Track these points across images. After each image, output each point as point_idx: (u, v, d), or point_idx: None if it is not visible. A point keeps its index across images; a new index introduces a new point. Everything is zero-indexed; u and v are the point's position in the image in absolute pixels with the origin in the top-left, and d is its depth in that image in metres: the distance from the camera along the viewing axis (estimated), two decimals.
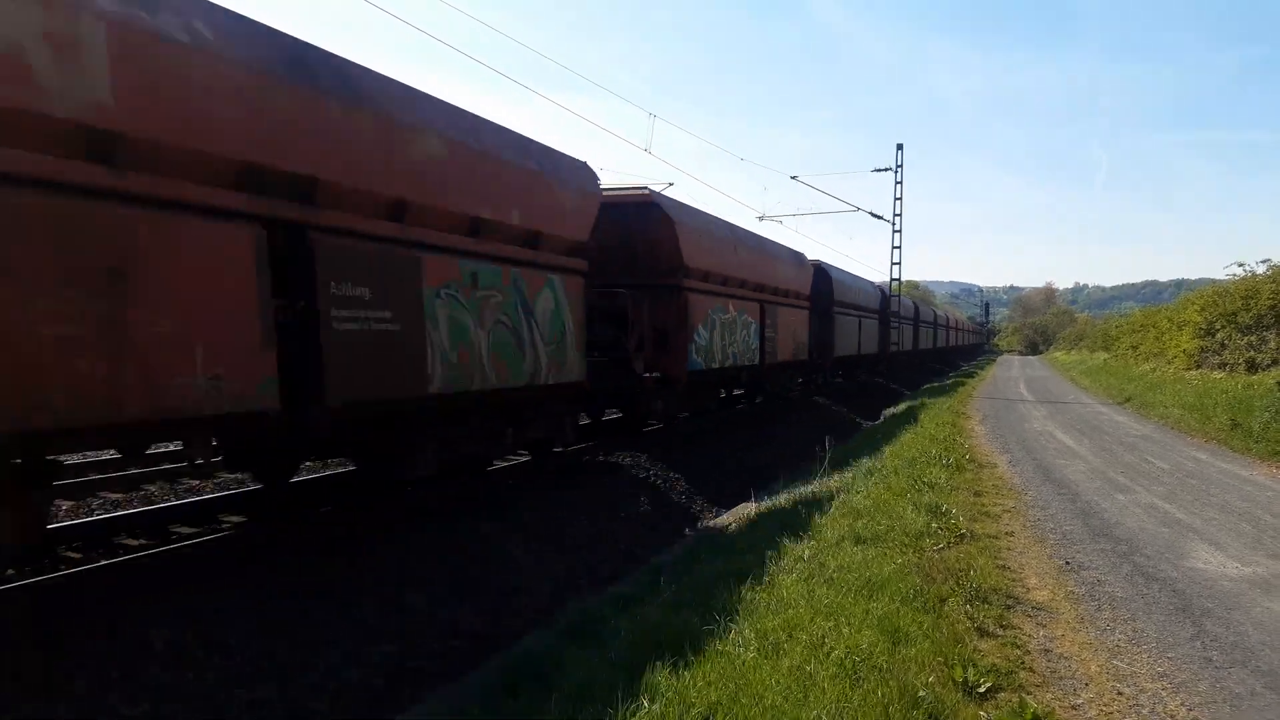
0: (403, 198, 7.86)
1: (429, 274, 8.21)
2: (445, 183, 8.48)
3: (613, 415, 16.87)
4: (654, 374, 14.91)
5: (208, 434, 6.64)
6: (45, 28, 4.85)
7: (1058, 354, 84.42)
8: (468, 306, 8.84)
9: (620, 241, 14.20)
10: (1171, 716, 4.73)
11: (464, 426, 9.63)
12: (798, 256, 24.30)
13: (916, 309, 51.58)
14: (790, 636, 5.36)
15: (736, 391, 22.27)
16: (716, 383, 19.28)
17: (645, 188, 15.18)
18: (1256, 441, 15.26)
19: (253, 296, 6.23)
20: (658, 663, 4.90)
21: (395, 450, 8.74)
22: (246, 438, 7.84)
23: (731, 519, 11.18)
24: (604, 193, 12.33)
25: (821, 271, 27.13)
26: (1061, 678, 5.26)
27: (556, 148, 10.95)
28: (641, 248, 14.77)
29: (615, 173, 34.72)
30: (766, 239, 21.83)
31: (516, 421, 10.74)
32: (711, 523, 11.51)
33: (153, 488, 10.43)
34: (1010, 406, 25.72)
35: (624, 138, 55.26)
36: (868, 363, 35.95)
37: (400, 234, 7.92)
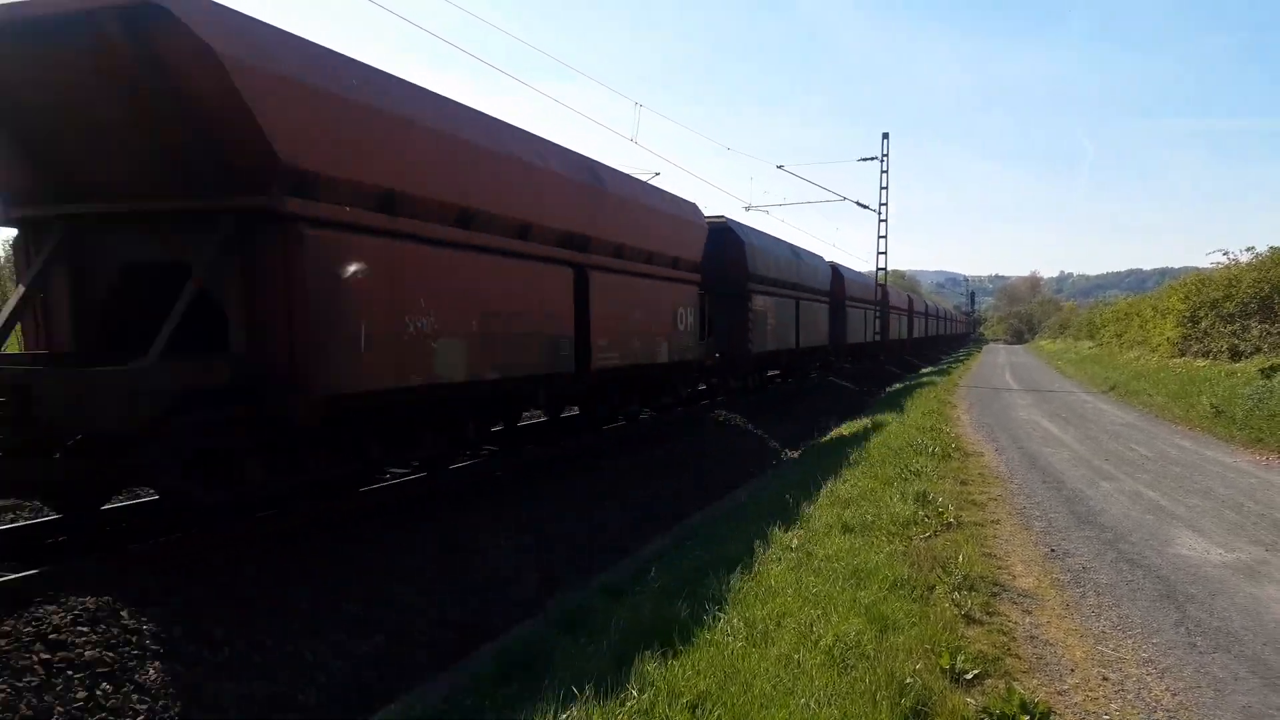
0: (623, 243, 12.95)
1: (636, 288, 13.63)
2: (640, 232, 13.62)
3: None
4: (726, 357, 19.08)
5: (543, 385, 11.03)
6: None
7: (1043, 342, 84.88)
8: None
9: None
10: (1156, 701, 4.77)
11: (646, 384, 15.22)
12: (819, 259, 29.01)
13: (910, 301, 54.57)
14: (779, 624, 5.38)
15: (772, 372, 25.26)
16: (765, 365, 23.38)
17: (723, 217, 19.49)
18: (1239, 429, 15.39)
19: (570, 306, 11.18)
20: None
21: (627, 399, 14.81)
22: (558, 389, 11.78)
23: (799, 452, 17.12)
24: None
25: (836, 271, 31.04)
26: (1047, 664, 5.29)
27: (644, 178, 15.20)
28: (717, 260, 18.11)
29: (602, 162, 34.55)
30: (801, 248, 26.49)
31: (668, 382, 16.27)
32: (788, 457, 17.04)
33: None
34: (996, 395, 25.84)
35: (610, 127, 55.12)
36: (870, 350, 38.69)
37: (621, 266, 12.89)
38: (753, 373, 22.24)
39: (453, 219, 8.67)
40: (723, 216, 19.38)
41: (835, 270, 30.88)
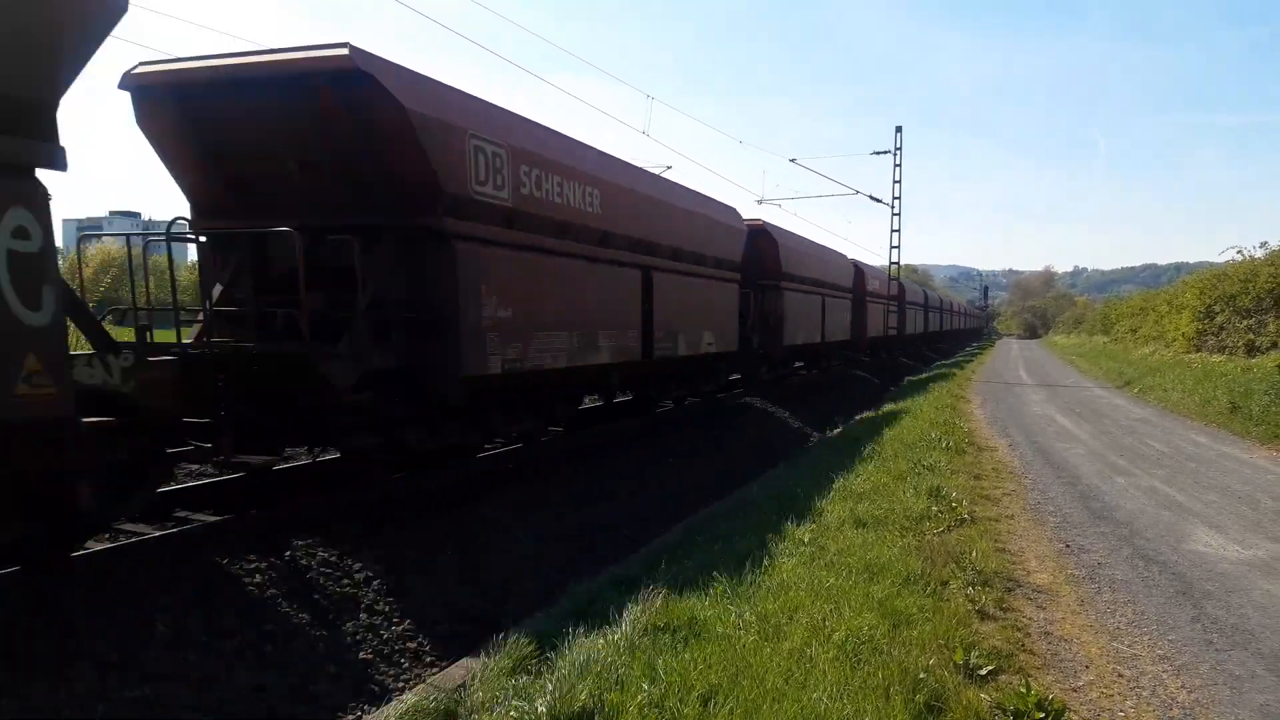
0: (679, 247, 14.52)
1: (690, 287, 15.23)
2: (692, 236, 15.12)
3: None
4: (761, 348, 20.60)
5: (616, 372, 12.58)
6: None
7: (1057, 337, 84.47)
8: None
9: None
10: (1172, 699, 4.73)
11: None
12: (843, 257, 30.37)
13: (925, 296, 55.59)
14: (791, 619, 5.36)
15: (797, 364, 26.54)
16: (795, 357, 24.84)
17: (760, 220, 20.83)
18: (1256, 424, 15.27)
19: (639, 303, 12.90)
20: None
21: (679, 385, 17.02)
22: (627, 375, 13.37)
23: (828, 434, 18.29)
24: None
25: (858, 268, 31.94)
26: (1062, 660, 5.26)
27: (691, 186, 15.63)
28: (755, 259, 19.49)
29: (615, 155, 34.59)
30: (827, 246, 28.20)
31: (713, 371, 18.03)
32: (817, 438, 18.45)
33: None
34: (1009, 390, 25.73)
35: (622, 120, 55.08)
36: (887, 344, 39.42)
37: (677, 268, 14.47)
38: (783, 364, 23.79)
39: (553, 231, 10.33)
40: (760, 219, 21.04)
41: (857, 267, 32.02)
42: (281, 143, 8.00)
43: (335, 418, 7.76)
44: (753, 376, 21.69)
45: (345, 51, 7.35)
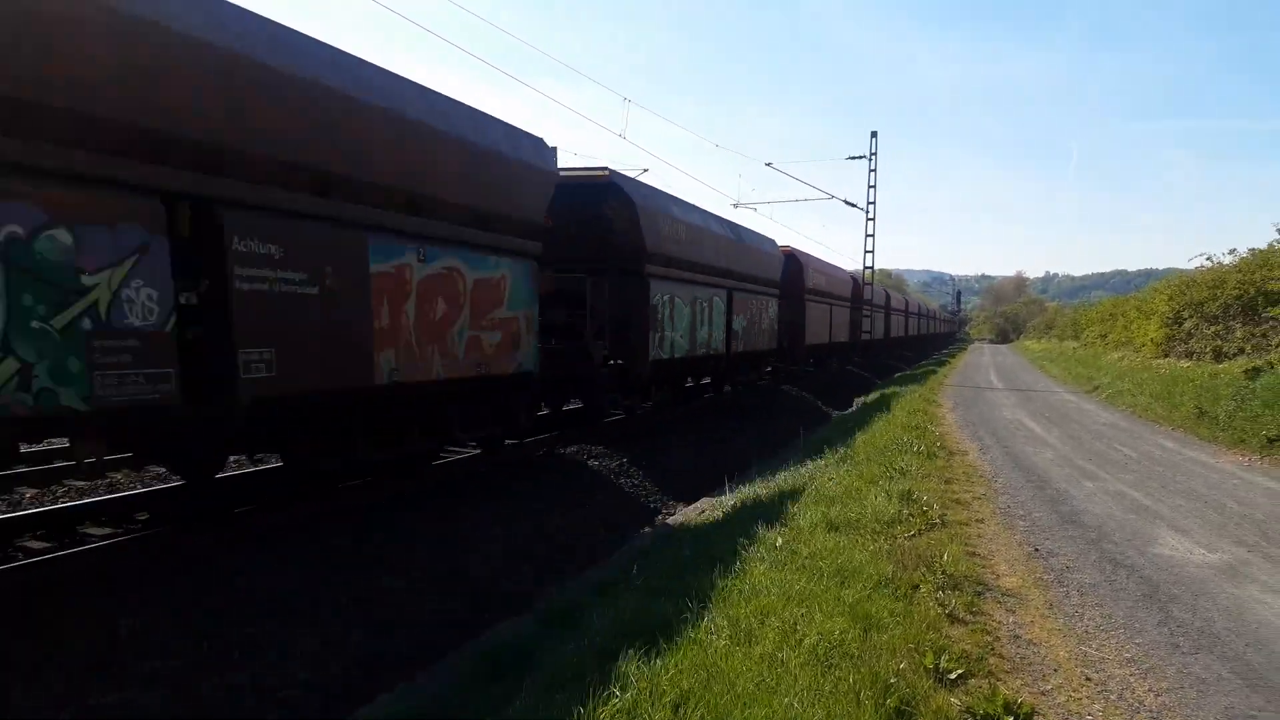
0: (745, 273, 21.16)
1: (751, 303, 22.36)
2: (752, 264, 21.62)
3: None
4: (789, 348, 26.53)
5: (713, 362, 19.71)
6: None
7: (1028, 342, 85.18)
8: None
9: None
10: (1139, 702, 4.77)
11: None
12: (844, 272, 36.03)
13: (906, 302, 61.33)
14: (762, 623, 5.35)
15: (811, 362, 32.27)
16: (819, 355, 32.35)
17: (789, 246, 27.32)
18: (1222, 430, 15.48)
19: (726, 313, 19.63)
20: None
21: (745, 373, 23.72)
22: (718, 365, 20.66)
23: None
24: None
25: (856, 281, 37.55)
26: (1031, 664, 5.29)
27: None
28: (786, 278, 25.37)
29: (590, 159, 34.65)
30: (831, 264, 33.83)
31: (762, 364, 25.85)
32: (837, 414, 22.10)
33: None
34: (981, 394, 25.92)
35: (598, 123, 54.89)
36: (878, 345, 46.34)
37: (745, 288, 21.42)
38: (806, 360, 30.14)
39: (687, 267, 16.74)
40: (789, 246, 27.38)
41: (855, 280, 37.59)
42: (577, 223, 13.79)
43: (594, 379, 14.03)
44: (780, 370, 27.38)
45: (607, 172, 13.97)
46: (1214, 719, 4.58)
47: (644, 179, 15.90)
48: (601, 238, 14.31)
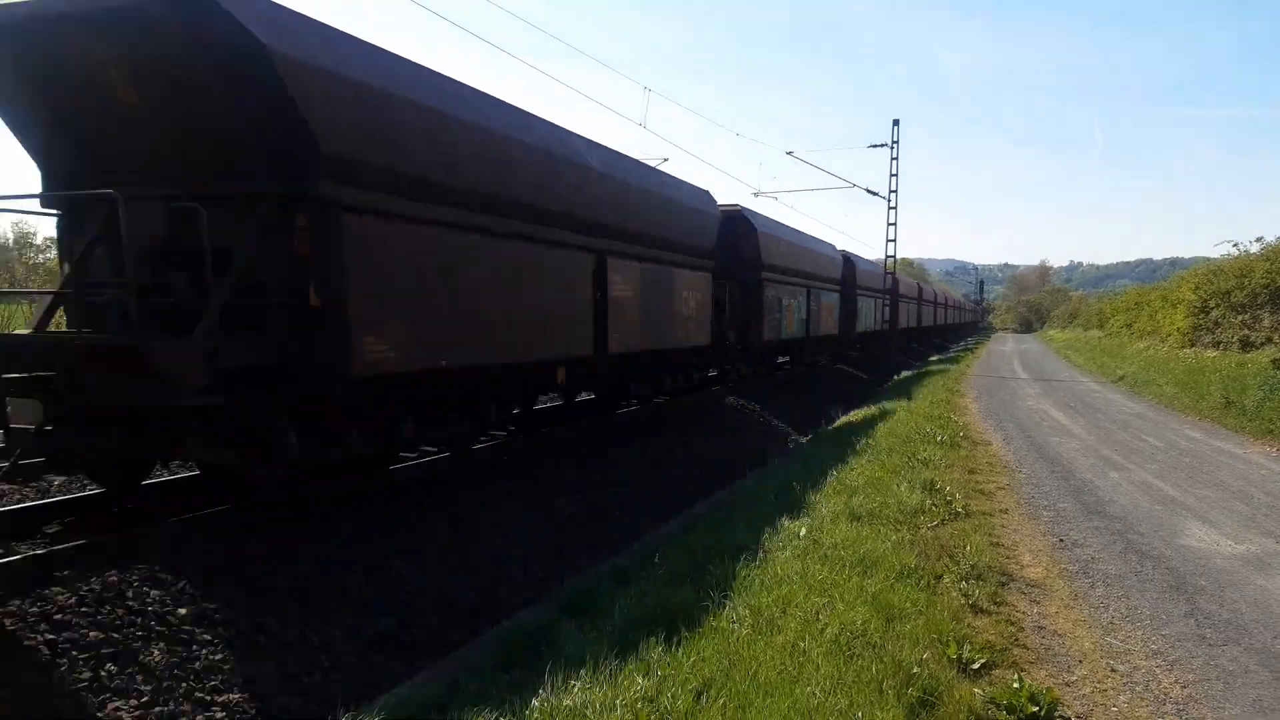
0: (816, 274, 25.60)
1: (821, 298, 26.86)
2: (825, 267, 26.71)
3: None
4: (843, 334, 30.29)
5: (798, 343, 25.24)
6: None
7: (1052, 332, 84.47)
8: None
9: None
10: (1165, 694, 4.73)
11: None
12: (876, 265, 37.13)
13: (920, 290, 59.02)
14: (784, 612, 5.35)
15: (859, 345, 36.16)
16: (865, 340, 36.33)
17: (845, 250, 31.21)
18: (1250, 420, 15.30)
19: (805, 306, 24.61)
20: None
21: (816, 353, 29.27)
22: (798, 345, 25.65)
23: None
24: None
25: (893, 277, 38.04)
26: (1055, 655, 5.26)
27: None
28: (845, 275, 29.85)
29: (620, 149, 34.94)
30: (865, 258, 36.02)
31: (827, 347, 30.86)
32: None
33: None
34: (1004, 384, 25.74)
35: (619, 112, 54.92)
36: (912, 333, 49.67)
37: (820, 287, 25.86)
38: (855, 345, 34.45)
39: (788, 273, 21.72)
40: (845, 250, 30.80)
41: (894, 277, 38.62)
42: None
43: (726, 353, 19.36)
44: (839, 355, 32.98)
45: (738, 207, 19.00)
46: (1241, 711, 4.54)
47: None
48: (733, 253, 18.85)
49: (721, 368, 20.42)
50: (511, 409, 11.36)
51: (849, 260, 32.28)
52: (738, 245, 18.96)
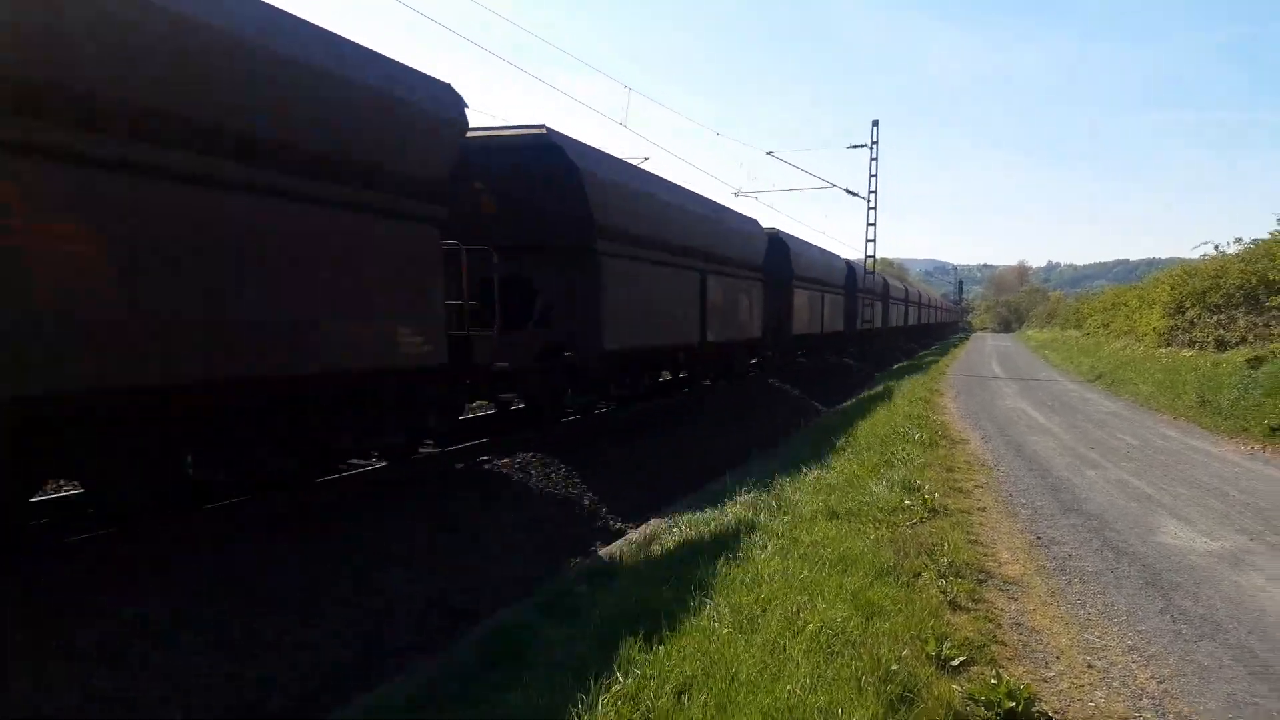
0: (827, 280, 32.46)
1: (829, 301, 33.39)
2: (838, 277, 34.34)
3: None
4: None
5: (819, 339, 31.54)
6: None
7: (1030, 332, 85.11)
8: None
9: None
10: (1141, 689, 4.77)
11: None
12: (872, 272, 39.16)
13: (905, 291, 61.24)
14: (764, 611, 5.35)
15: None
16: (865, 336, 39.00)
17: (863, 259, 37.76)
18: (1225, 418, 15.46)
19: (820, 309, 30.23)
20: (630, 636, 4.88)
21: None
22: (831, 340, 34.14)
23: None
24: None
25: (884, 280, 42.54)
26: (1033, 651, 5.29)
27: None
28: (850, 281, 35.42)
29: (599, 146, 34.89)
30: (873, 270, 39.36)
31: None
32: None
33: None
34: (983, 384, 25.91)
35: (600, 111, 54.88)
36: (898, 331, 53.23)
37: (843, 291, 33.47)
38: (855, 340, 37.37)
39: (807, 279, 26.29)
40: (849, 259, 35.36)
41: (882, 279, 42.17)
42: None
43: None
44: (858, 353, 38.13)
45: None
46: (1216, 706, 4.58)
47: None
48: (771, 266, 22.94)
49: (763, 355, 24.99)
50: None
51: (851, 267, 33.91)
52: (775, 260, 23.49)
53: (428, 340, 8.52)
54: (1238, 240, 26.85)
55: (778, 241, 24.66)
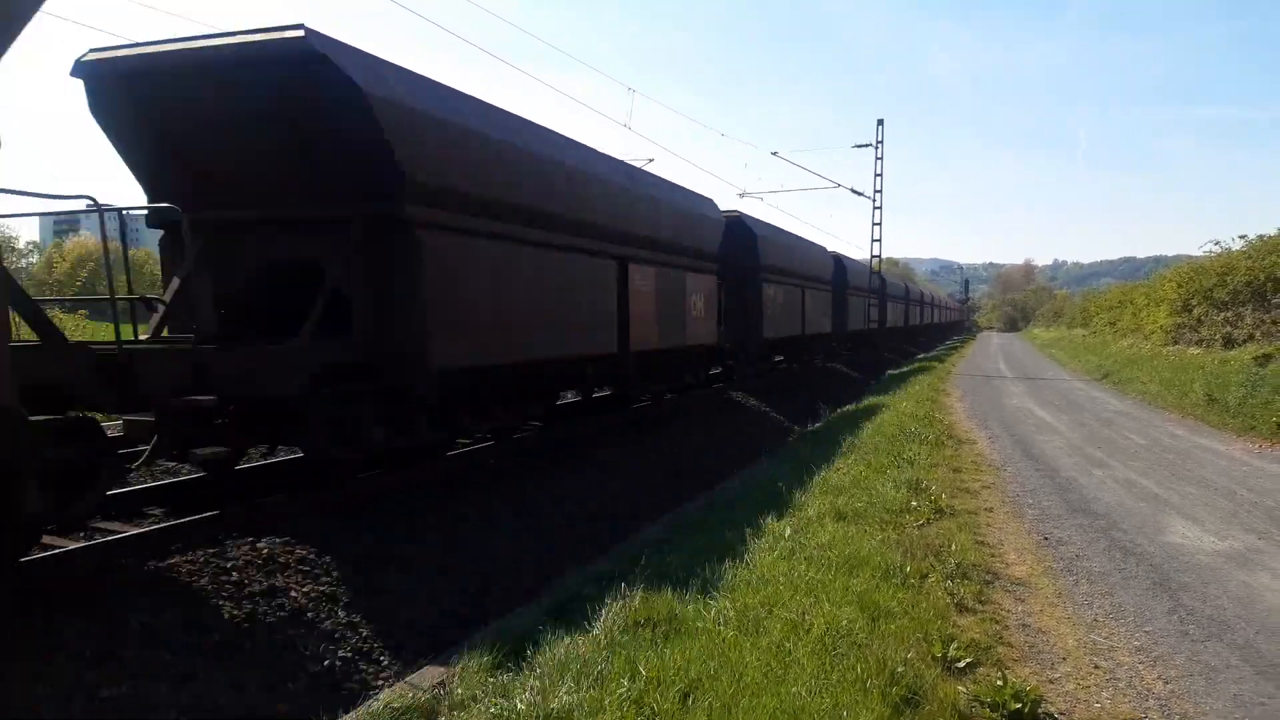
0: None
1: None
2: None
3: None
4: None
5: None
6: None
7: (1036, 330, 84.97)
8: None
9: None
10: (1148, 690, 4.76)
11: None
12: (865, 268, 38.29)
13: (907, 289, 60.72)
14: (770, 613, 5.35)
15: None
16: (870, 336, 40.48)
17: (886, 263, 43.42)
18: (1232, 417, 15.41)
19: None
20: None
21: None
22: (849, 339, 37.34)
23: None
24: None
25: (880, 278, 40.28)
26: (1040, 652, 5.28)
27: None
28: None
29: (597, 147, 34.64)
30: (866, 266, 38.79)
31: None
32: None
33: None
34: (989, 383, 25.87)
35: (604, 113, 54.91)
36: (899, 332, 51.94)
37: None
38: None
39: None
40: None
41: (881, 278, 40.71)
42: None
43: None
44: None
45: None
46: (1223, 706, 4.56)
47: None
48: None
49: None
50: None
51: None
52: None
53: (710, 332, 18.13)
54: (1242, 237, 26.80)
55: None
